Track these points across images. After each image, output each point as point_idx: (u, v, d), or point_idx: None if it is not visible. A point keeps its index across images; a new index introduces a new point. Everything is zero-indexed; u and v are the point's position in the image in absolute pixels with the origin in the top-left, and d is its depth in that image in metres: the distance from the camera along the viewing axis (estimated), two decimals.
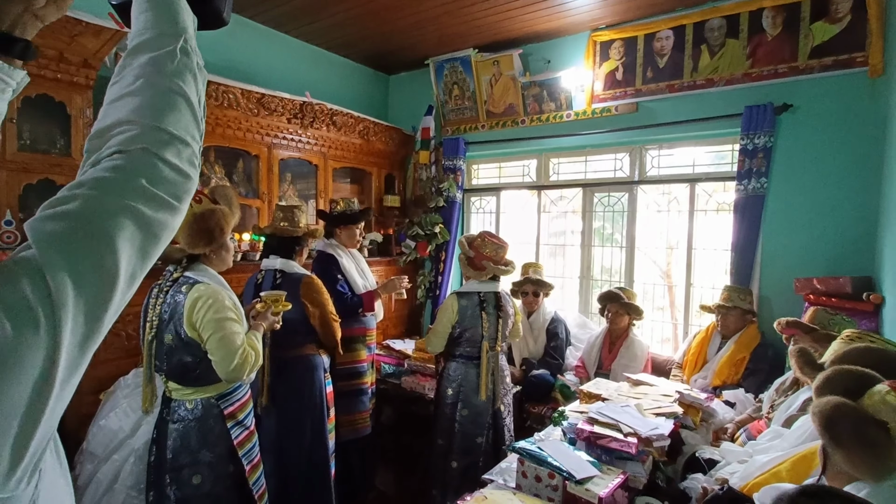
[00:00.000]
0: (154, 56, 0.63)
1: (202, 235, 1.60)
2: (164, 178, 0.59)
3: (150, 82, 0.62)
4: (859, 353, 1.55)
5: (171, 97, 0.63)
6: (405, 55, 4.29)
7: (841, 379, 1.21)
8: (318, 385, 2.27)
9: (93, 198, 0.54)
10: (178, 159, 0.61)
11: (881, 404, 1.07)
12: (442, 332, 2.54)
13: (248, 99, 3.25)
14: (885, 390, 1.10)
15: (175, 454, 1.62)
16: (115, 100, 0.62)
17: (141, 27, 0.65)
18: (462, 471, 2.43)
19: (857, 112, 2.74)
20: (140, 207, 0.56)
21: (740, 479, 1.77)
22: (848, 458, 1.10)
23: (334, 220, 2.92)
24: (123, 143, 0.58)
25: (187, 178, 0.63)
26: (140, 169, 0.58)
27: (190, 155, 0.64)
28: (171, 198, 0.59)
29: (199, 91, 0.68)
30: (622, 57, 3.51)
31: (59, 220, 0.52)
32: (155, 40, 0.64)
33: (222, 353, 1.56)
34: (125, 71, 0.64)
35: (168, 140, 0.61)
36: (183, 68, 0.65)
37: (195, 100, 0.66)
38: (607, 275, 3.90)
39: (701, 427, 2.35)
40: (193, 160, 0.64)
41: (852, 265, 2.72)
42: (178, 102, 0.63)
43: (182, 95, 0.64)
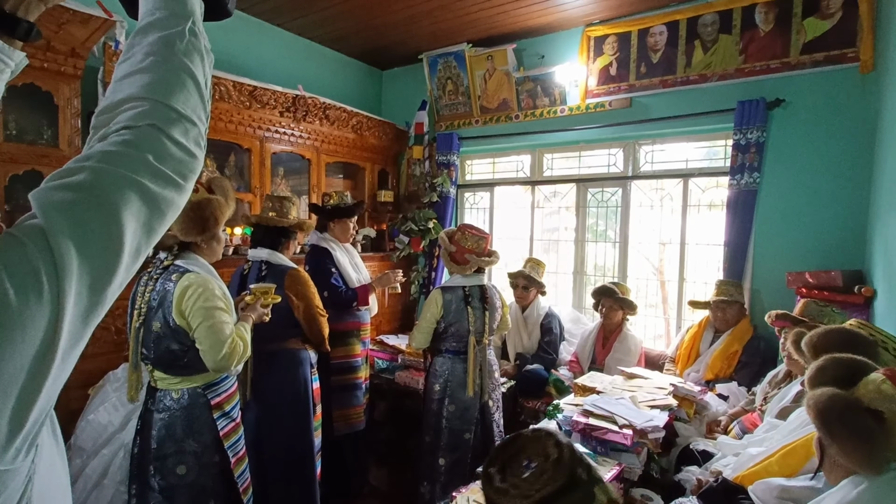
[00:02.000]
0: (164, 35, 0.64)
1: (196, 223, 1.58)
2: (171, 156, 0.59)
3: (159, 60, 0.62)
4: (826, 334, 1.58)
5: (180, 76, 0.63)
6: (399, 50, 4.27)
7: (833, 367, 1.20)
8: (302, 380, 2.24)
9: (100, 170, 0.54)
10: (185, 138, 0.61)
11: (876, 393, 1.05)
12: (426, 327, 2.51)
13: (240, 91, 3.21)
14: (879, 379, 1.08)
15: (160, 443, 1.60)
16: (124, 76, 0.62)
17: (151, 7, 0.65)
18: (450, 467, 2.41)
19: (848, 107, 2.76)
20: (146, 183, 0.56)
21: (733, 470, 1.78)
22: (843, 451, 1.08)
23: (328, 213, 2.90)
24: (132, 119, 0.58)
25: (193, 158, 0.62)
26: (147, 144, 0.58)
27: (196, 135, 0.64)
28: (177, 175, 0.59)
29: (206, 73, 0.68)
30: (616, 52, 3.52)
31: (66, 190, 0.51)
32: (165, 20, 0.64)
33: (211, 342, 1.53)
34: (135, 49, 0.64)
35: (176, 118, 0.61)
36: (192, 48, 0.65)
37: (202, 81, 0.66)
38: (601, 271, 3.91)
39: (695, 419, 2.36)
40: (199, 140, 0.65)
41: (844, 259, 2.75)
42: (186, 82, 0.63)
43: (190, 75, 0.64)
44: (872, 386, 1.07)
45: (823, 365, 1.22)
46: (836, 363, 1.20)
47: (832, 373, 1.19)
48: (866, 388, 1.08)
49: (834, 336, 1.60)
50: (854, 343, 1.57)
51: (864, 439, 1.06)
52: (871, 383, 1.12)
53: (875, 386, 1.10)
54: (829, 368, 1.21)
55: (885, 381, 1.06)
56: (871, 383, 1.12)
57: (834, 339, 1.59)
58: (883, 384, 1.06)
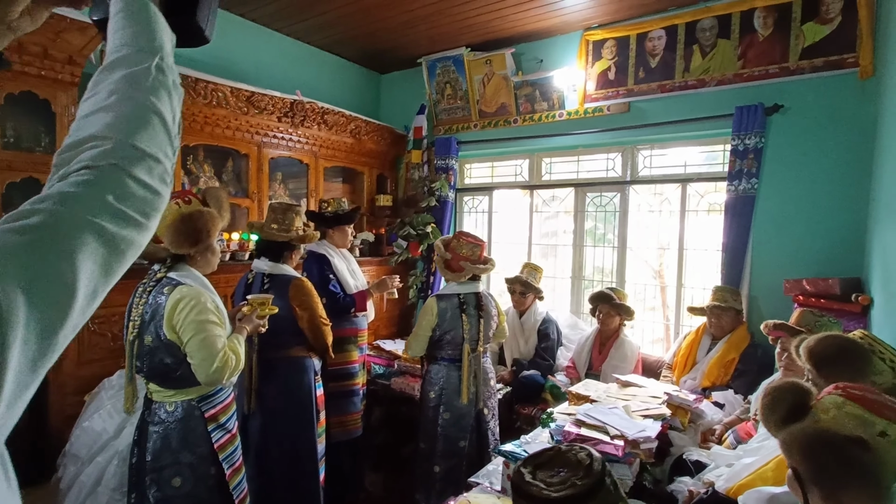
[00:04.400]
0: (130, 72, 0.64)
1: (187, 236, 1.58)
2: (133, 195, 0.59)
3: (124, 98, 0.62)
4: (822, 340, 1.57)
5: (145, 114, 0.63)
6: (397, 54, 4.27)
7: (782, 395, 1.12)
8: (306, 387, 2.25)
9: (56, 213, 0.53)
10: (150, 176, 0.61)
11: (846, 418, 1.00)
12: (422, 335, 2.52)
13: (237, 97, 3.22)
14: (839, 401, 1.03)
15: (155, 456, 1.60)
16: (88, 114, 0.62)
17: (118, 43, 0.66)
18: (444, 474, 2.41)
19: (847, 113, 2.74)
20: (105, 224, 0.55)
21: (727, 481, 1.77)
22: (847, 491, 0.96)
23: (326, 221, 2.90)
24: (94, 159, 0.58)
25: (157, 195, 0.62)
26: (108, 185, 0.57)
27: (161, 172, 0.64)
28: (138, 215, 0.59)
29: (174, 108, 0.68)
30: (614, 56, 3.51)
31: (19, 233, 0.50)
32: (132, 57, 0.64)
33: (202, 356, 1.54)
34: (100, 86, 0.64)
35: (140, 157, 0.61)
36: (158, 85, 0.65)
37: (169, 117, 0.66)
38: (599, 275, 3.90)
39: (689, 428, 2.34)
40: (165, 177, 0.64)
41: (842, 266, 2.72)
42: (151, 119, 0.63)
43: (156, 113, 0.64)
44: (835, 412, 1.01)
45: (773, 395, 1.14)
46: (784, 390, 1.13)
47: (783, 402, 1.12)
48: (828, 413, 1.02)
49: (830, 342, 1.59)
50: (849, 349, 1.56)
51: (867, 478, 0.95)
52: (831, 408, 1.05)
53: (838, 411, 1.04)
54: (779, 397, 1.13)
55: (846, 402, 1.02)
56: (831, 408, 1.05)
57: (830, 345, 1.58)
58: (847, 406, 1.01)
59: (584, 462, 0.89)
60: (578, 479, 0.84)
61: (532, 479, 0.88)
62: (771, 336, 2.24)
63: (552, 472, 0.91)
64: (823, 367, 1.56)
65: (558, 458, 0.94)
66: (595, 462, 0.88)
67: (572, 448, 0.95)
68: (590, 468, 0.87)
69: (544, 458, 0.96)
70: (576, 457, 0.92)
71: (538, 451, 0.99)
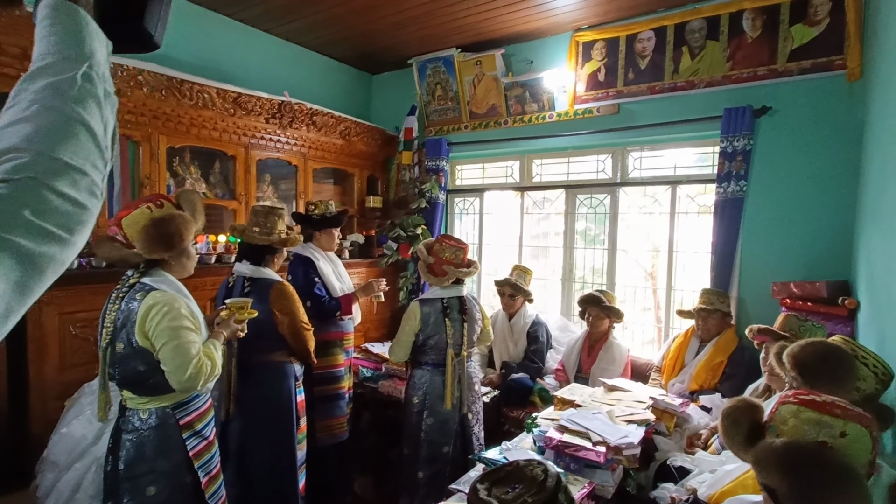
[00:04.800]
0: (53, 81, 0.61)
1: (160, 241, 1.56)
2: (55, 209, 0.56)
3: (46, 108, 0.59)
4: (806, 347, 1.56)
5: (69, 125, 0.60)
6: (388, 55, 4.25)
7: (737, 418, 1.10)
8: (286, 393, 2.22)
9: None
10: (74, 189, 0.58)
11: (805, 425, 0.98)
12: (405, 340, 2.49)
13: (223, 99, 3.20)
14: (794, 409, 1.02)
15: (128, 465, 1.58)
16: (7, 125, 0.59)
17: (43, 51, 0.63)
18: (428, 480, 2.39)
19: (835, 116, 2.73)
20: (20, 240, 0.52)
21: (709, 487, 1.76)
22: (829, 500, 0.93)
23: (313, 223, 2.88)
24: (10, 172, 0.55)
25: (83, 209, 0.59)
26: (25, 199, 0.54)
27: (89, 184, 0.61)
28: (60, 230, 0.56)
29: (104, 118, 0.64)
30: (604, 58, 3.49)
31: None
32: (56, 65, 0.61)
33: (176, 363, 1.52)
34: (21, 96, 0.61)
35: (62, 169, 0.58)
36: (85, 95, 0.62)
37: (98, 127, 0.63)
38: (590, 277, 3.88)
39: (675, 433, 2.33)
40: (94, 189, 0.61)
41: (830, 269, 2.72)
42: (76, 130, 0.60)
43: (82, 123, 0.61)
44: (792, 419, 1.00)
45: (731, 416, 1.11)
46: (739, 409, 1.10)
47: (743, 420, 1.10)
48: (787, 424, 1.00)
49: (813, 348, 1.59)
50: (833, 355, 1.55)
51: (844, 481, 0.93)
52: (790, 418, 1.03)
53: (797, 419, 1.02)
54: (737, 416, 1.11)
55: (801, 409, 1.00)
56: (790, 418, 1.03)
57: (813, 352, 1.58)
58: (802, 412, 1.00)
59: (538, 478, 0.88)
60: (531, 495, 0.84)
61: (487, 496, 0.88)
62: (756, 341, 2.23)
63: (508, 488, 0.91)
64: (808, 373, 1.55)
65: (515, 473, 0.94)
66: (549, 478, 0.88)
67: (530, 463, 0.95)
68: (543, 484, 0.87)
69: (502, 474, 0.95)
70: (531, 472, 0.92)
71: (497, 467, 0.99)
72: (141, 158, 2.93)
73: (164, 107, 2.94)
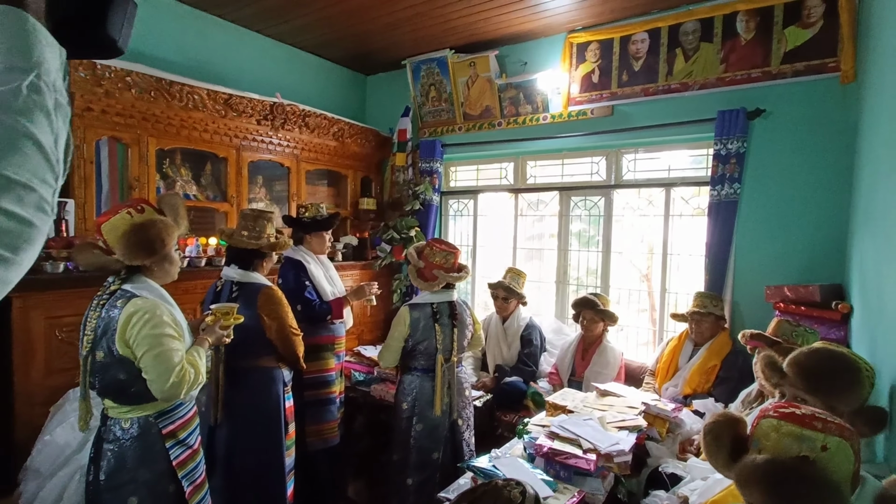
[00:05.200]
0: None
1: (141, 247, 1.53)
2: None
3: None
4: (813, 354, 1.53)
5: (12, 138, 0.56)
6: (382, 56, 4.22)
7: (720, 432, 1.08)
8: (274, 399, 2.19)
9: None
10: (19, 206, 0.55)
11: (786, 439, 0.95)
12: (394, 346, 2.47)
13: (214, 100, 3.17)
14: (774, 423, 0.99)
15: (109, 475, 1.55)
16: None
17: None
18: (418, 487, 2.36)
19: (829, 118, 2.72)
20: None
21: (700, 496, 1.74)
22: None
23: (304, 226, 2.85)
24: None
25: (29, 226, 0.56)
26: None
27: (37, 200, 0.57)
28: (4, 249, 0.53)
29: (55, 130, 0.61)
30: (598, 59, 3.47)
31: None
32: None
33: (158, 371, 1.49)
34: None
35: (4, 185, 0.54)
36: (31, 106, 0.58)
37: (47, 140, 0.59)
38: (585, 279, 3.86)
39: (667, 438, 2.31)
40: (42, 205, 0.58)
41: (823, 273, 2.70)
42: (21, 143, 0.57)
43: (28, 136, 0.57)
44: (774, 434, 0.97)
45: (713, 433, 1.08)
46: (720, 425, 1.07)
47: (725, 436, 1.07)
48: (769, 439, 0.98)
49: (821, 356, 1.53)
50: (841, 364, 1.50)
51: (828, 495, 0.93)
52: (770, 431, 1.00)
53: (776, 431, 0.99)
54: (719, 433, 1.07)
55: (782, 423, 0.98)
56: (770, 431, 1.00)
57: (822, 359, 1.52)
58: (783, 426, 0.97)
59: (515, 500, 0.86)
60: None
61: None
62: (749, 346, 2.21)
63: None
64: (816, 382, 1.50)
65: (492, 494, 0.91)
66: (526, 501, 0.85)
67: (508, 484, 0.92)
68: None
69: (478, 494, 0.92)
70: (509, 494, 0.89)
71: (473, 487, 0.96)
72: (130, 160, 2.90)
73: (153, 108, 2.91)
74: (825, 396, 1.49)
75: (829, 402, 1.47)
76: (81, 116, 2.67)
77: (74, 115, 2.65)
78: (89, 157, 2.73)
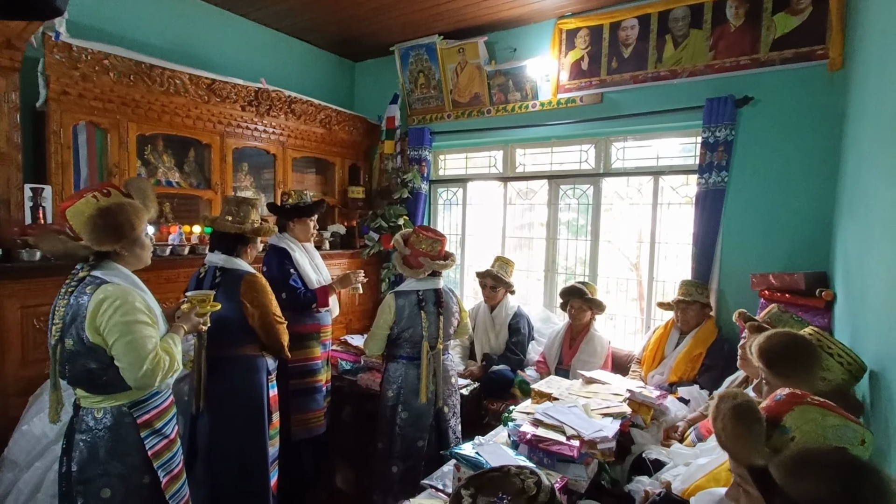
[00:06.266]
0: None
1: (109, 231, 1.48)
2: None
3: None
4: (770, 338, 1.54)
5: None
6: (370, 41, 4.15)
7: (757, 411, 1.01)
8: (256, 388, 2.16)
9: None
10: None
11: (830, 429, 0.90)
12: (379, 334, 2.45)
13: (196, 85, 3.10)
14: (814, 412, 0.95)
15: (81, 467, 1.51)
16: None
17: None
18: (403, 475, 2.36)
19: (816, 106, 2.71)
20: None
21: (682, 482, 1.75)
22: None
23: (287, 213, 2.81)
24: None
25: None
26: None
27: None
28: None
29: None
30: (588, 46, 3.44)
31: None
32: None
33: (130, 359, 1.45)
34: None
35: None
36: None
37: None
38: (572, 269, 3.86)
39: (652, 425, 2.32)
40: None
41: (810, 260, 2.71)
42: None
43: None
44: (813, 424, 0.93)
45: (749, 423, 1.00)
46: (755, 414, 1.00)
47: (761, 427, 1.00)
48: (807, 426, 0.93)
49: (778, 339, 1.57)
50: (796, 345, 1.55)
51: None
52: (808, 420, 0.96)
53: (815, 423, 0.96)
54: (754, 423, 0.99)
55: (825, 413, 0.94)
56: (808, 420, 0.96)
57: (778, 342, 1.56)
58: (827, 417, 0.93)
59: (529, 491, 0.81)
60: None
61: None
62: (741, 325, 2.20)
63: (494, 497, 0.83)
64: (773, 364, 1.55)
65: (503, 481, 0.86)
66: (542, 493, 0.80)
67: (522, 472, 0.87)
68: (534, 499, 0.79)
69: (485, 479, 0.88)
70: (522, 483, 0.84)
71: (484, 471, 0.91)
72: (109, 146, 2.83)
73: (132, 93, 2.84)
74: (788, 378, 1.51)
75: (789, 385, 1.49)
76: (58, 100, 2.60)
77: (50, 98, 2.57)
78: (66, 143, 2.66)
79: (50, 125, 2.59)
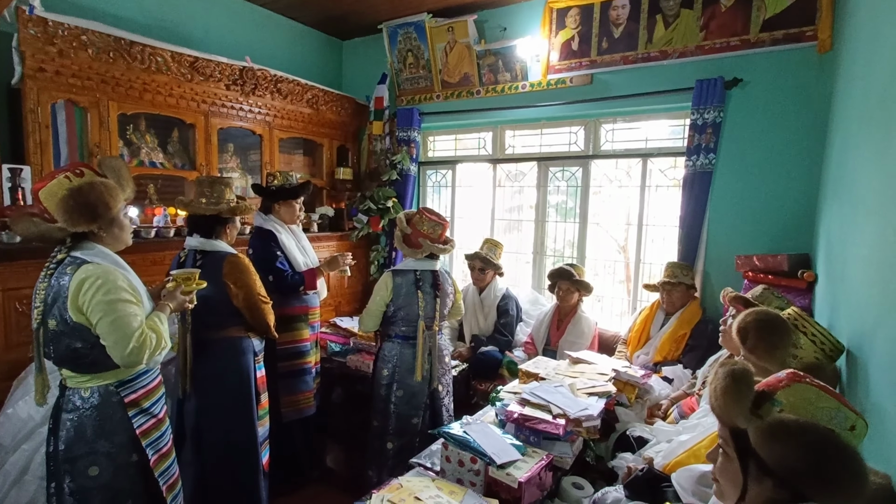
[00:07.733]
0: None
1: (82, 212, 1.44)
2: None
3: None
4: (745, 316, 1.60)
5: None
6: (357, 19, 4.07)
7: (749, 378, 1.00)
8: (244, 369, 2.16)
9: None
10: None
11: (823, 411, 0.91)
12: (375, 311, 2.47)
13: (179, 63, 3.02)
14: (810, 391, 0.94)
15: (68, 445, 1.51)
16: None
17: None
18: (397, 451, 2.40)
19: (805, 88, 2.71)
20: None
21: (664, 457, 1.79)
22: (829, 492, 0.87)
23: (272, 194, 2.77)
24: None
25: None
26: None
27: None
28: None
29: None
30: (578, 26, 3.39)
31: None
32: None
33: (116, 337, 1.44)
34: None
35: None
36: None
37: None
38: (560, 251, 3.88)
39: (636, 404, 2.37)
40: None
41: (794, 242, 2.75)
42: None
43: None
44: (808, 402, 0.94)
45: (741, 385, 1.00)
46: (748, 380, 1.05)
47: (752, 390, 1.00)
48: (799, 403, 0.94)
49: (753, 317, 1.64)
50: (768, 322, 1.61)
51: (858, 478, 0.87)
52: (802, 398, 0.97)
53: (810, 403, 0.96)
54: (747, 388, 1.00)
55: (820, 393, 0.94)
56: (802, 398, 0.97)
57: (752, 320, 1.63)
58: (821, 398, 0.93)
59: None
60: None
61: None
62: (727, 305, 2.24)
63: None
64: (746, 339, 1.60)
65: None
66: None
67: None
68: None
69: None
70: None
71: None
72: (90, 126, 2.77)
73: (112, 70, 2.77)
74: (760, 353, 1.57)
75: (763, 362, 1.54)
76: (34, 77, 2.52)
77: (26, 75, 2.50)
78: (44, 122, 2.59)
79: (26, 103, 2.52)
